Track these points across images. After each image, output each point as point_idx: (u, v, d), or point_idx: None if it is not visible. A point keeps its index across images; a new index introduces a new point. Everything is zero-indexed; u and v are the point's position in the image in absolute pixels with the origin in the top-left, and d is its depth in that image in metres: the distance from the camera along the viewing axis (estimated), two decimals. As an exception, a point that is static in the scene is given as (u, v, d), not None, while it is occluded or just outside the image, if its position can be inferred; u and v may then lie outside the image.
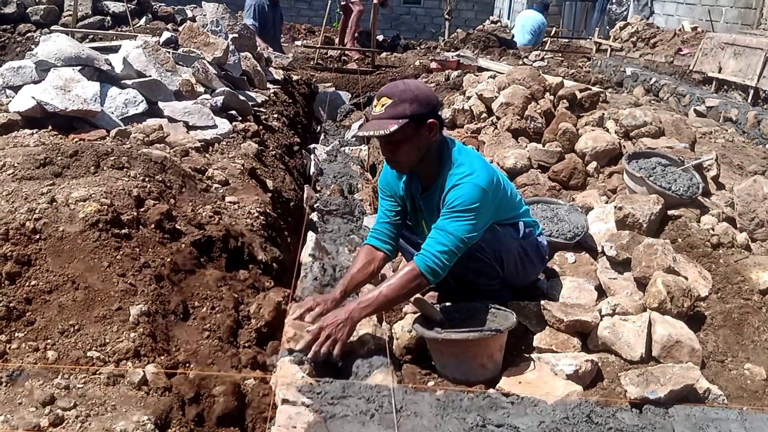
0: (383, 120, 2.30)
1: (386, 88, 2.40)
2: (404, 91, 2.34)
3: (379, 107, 2.33)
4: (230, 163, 3.58)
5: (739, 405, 2.11)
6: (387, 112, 2.31)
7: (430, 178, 2.46)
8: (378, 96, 2.37)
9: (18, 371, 1.81)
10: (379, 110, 2.33)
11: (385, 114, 2.31)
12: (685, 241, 3.04)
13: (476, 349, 2.19)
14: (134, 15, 8.20)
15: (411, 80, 2.61)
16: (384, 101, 2.32)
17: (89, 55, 3.93)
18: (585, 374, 2.20)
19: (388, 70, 8.74)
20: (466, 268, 2.41)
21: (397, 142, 2.34)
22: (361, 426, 1.85)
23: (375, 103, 2.37)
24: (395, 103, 2.30)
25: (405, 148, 2.36)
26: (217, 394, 1.95)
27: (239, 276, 2.60)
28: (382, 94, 2.36)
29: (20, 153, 2.81)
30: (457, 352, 2.21)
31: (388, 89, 2.38)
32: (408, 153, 2.38)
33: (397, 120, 2.28)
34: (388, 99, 2.31)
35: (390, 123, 2.28)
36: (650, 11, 11.86)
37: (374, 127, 2.33)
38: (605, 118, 4.31)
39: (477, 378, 2.20)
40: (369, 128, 2.38)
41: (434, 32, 15.93)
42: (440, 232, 2.30)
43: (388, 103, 2.31)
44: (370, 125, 2.38)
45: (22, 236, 2.15)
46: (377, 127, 2.31)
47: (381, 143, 2.44)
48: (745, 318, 2.55)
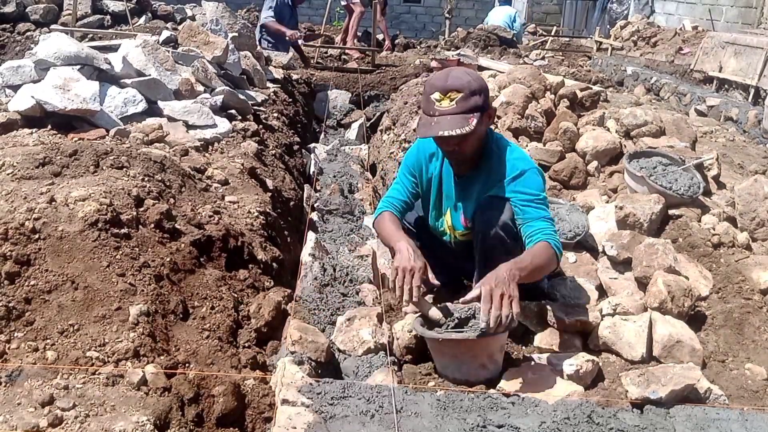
0: (458, 116, 2.17)
1: (451, 81, 2.22)
2: (470, 82, 2.20)
3: (448, 101, 2.18)
4: (230, 162, 3.57)
5: (740, 405, 2.11)
6: (460, 106, 2.18)
7: (470, 164, 2.39)
8: (442, 89, 2.21)
9: (17, 371, 1.81)
10: (448, 105, 2.18)
11: (458, 108, 2.18)
12: (685, 240, 3.03)
13: (476, 349, 2.18)
14: (134, 14, 8.20)
15: (461, 68, 2.44)
16: (453, 95, 2.18)
17: (89, 54, 3.92)
18: (586, 374, 2.20)
19: (388, 69, 8.73)
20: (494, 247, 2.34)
21: (467, 136, 2.22)
22: (361, 426, 1.85)
23: (438, 97, 2.21)
24: (466, 96, 2.18)
25: (472, 140, 2.27)
26: (217, 395, 1.95)
27: (239, 276, 2.60)
28: (448, 88, 2.20)
29: (19, 152, 2.81)
30: (457, 353, 2.20)
31: (453, 82, 2.21)
32: (473, 145, 2.30)
33: (473, 114, 2.18)
34: (458, 92, 2.18)
35: (468, 118, 2.17)
36: (651, 10, 11.86)
37: (452, 125, 2.17)
38: (606, 118, 4.30)
39: (477, 378, 2.19)
40: (444, 126, 2.18)
41: (434, 31, 15.90)
42: (544, 222, 2.25)
43: (458, 96, 2.18)
44: (444, 123, 2.19)
45: (21, 236, 2.14)
46: (455, 124, 2.17)
47: (449, 140, 2.26)
48: (746, 318, 2.54)
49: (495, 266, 2.26)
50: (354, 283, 2.86)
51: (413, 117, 5.44)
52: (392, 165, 4.89)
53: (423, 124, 2.29)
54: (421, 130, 2.29)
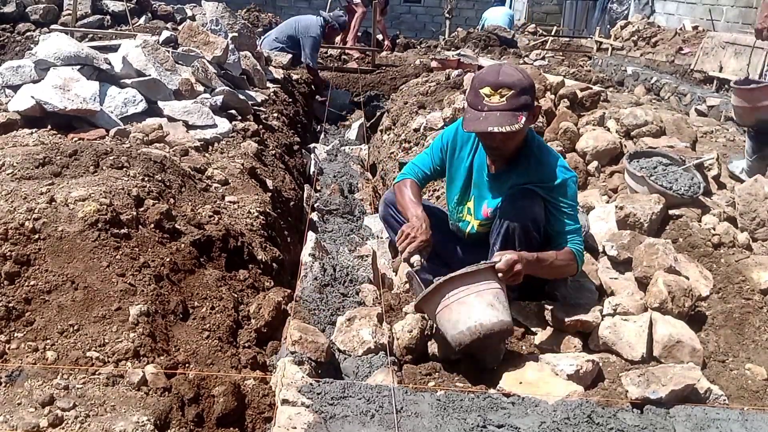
0: (507, 112, 2.18)
1: (503, 77, 2.22)
2: (521, 80, 2.21)
3: (498, 97, 2.19)
4: (230, 162, 3.57)
5: (740, 405, 2.10)
6: (510, 103, 2.18)
7: (506, 159, 2.41)
8: (493, 85, 2.21)
9: (17, 371, 1.81)
10: (498, 101, 2.19)
11: (507, 105, 2.18)
12: (686, 240, 3.03)
13: (479, 285, 2.16)
14: (134, 14, 8.20)
15: (512, 65, 2.44)
16: (504, 91, 2.19)
17: (88, 54, 3.92)
18: (586, 374, 2.20)
19: (388, 69, 8.73)
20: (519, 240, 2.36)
21: (514, 134, 2.22)
22: (362, 426, 1.85)
23: (489, 92, 2.21)
24: (517, 94, 2.19)
25: (517, 138, 2.29)
26: (217, 395, 1.95)
27: (239, 276, 2.60)
28: (500, 84, 2.20)
29: (19, 152, 2.81)
30: (462, 296, 2.15)
31: (505, 78, 2.22)
32: (517, 141, 2.32)
33: (522, 112, 2.19)
34: (509, 89, 2.19)
35: (518, 116, 2.18)
36: (651, 10, 11.85)
37: (501, 122, 2.17)
38: (606, 118, 4.30)
39: (491, 321, 2.13)
40: (493, 122, 2.18)
41: (435, 31, 15.91)
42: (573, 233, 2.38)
43: (509, 93, 2.18)
44: (493, 119, 2.19)
45: (21, 236, 2.14)
46: (505, 121, 2.17)
47: (495, 136, 2.26)
48: (746, 318, 2.54)
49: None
50: (354, 283, 2.86)
51: (413, 117, 5.44)
52: (392, 165, 4.89)
53: (470, 119, 2.28)
54: (469, 125, 2.29)
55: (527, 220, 2.33)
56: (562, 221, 2.39)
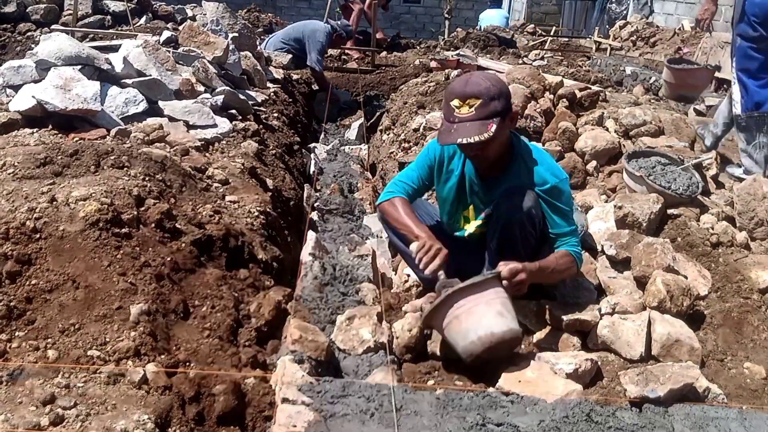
0: (476, 122, 2.20)
1: (470, 87, 2.25)
2: (489, 88, 2.23)
3: (467, 108, 2.22)
4: (230, 162, 3.58)
5: (739, 404, 2.11)
6: (478, 112, 2.21)
7: (495, 167, 2.43)
8: (461, 96, 2.24)
9: (18, 370, 1.81)
10: (467, 111, 2.21)
11: (476, 115, 2.21)
12: (684, 240, 3.04)
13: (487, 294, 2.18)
14: (134, 14, 8.20)
15: (481, 73, 2.47)
16: (472, 102, 2.21)
17: (89, 54, 3.93)
18: (585, 373, 2.20)
19: (388, 69, 8.74)
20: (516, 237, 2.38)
21: (490, 140, 2.24)
22: (361, 425, 1.85)
23: (458, 104, 2.24)
24: (485, 103, 2.21)
25: (494, 144, 2.30)
26: (218, 393, 1.95)
27: (239, 275, 2.61)
28: (467, 94, 2.23)
29: (20, 152, 2.82)
30: (471, 306, 2.17)
31: (472, 88, 2.24)
32: (496, 148, 2.34)
33: (492, 120, 2.21)
34: (476, 99, 2.21)
35: (488, 125, 2.20)
36: (650, 10, 11.85)
37: (471, 132, 2.20)
38: (605, 117, 4.31)
39: (501, 330, 2.15)
40: (463, 134, 2.21)
41: (434, 31, 15.92)
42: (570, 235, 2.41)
43: (477, 103, 2.21)
44: (462, 130, 2.22)
45: (22, 235, 2.15)
46: (474, 131, 2.20)
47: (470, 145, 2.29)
48: (745, 317, 2.55)
49: (511, 251, 2.37)
50: (354, 283, 2.86)
51: (413, 117, 5.44)
52: (392, 165, 4.90)
53: (443, 131, 2.31)
54: (442, 137, 2.32)
55: (523, 215, 2.34)
56: (557, 223, 2.40)
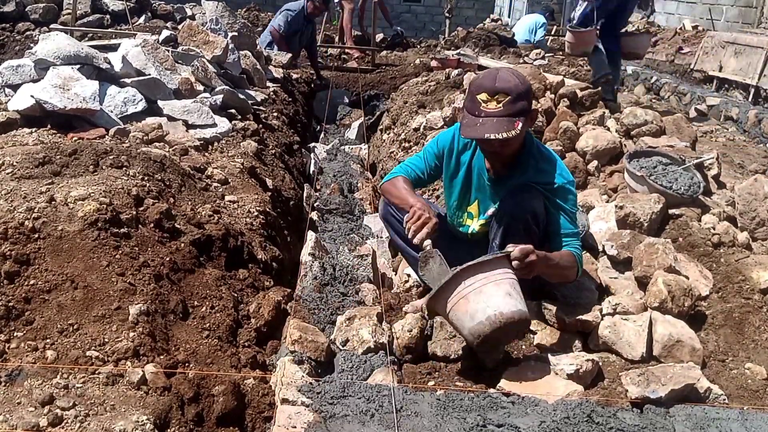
0: (504, 118, 2.18)
1: (500, 83, 2.21)
2: (518, 85, 2.21)
3: (494, 103, 2.19)
4: (230, 161, 3.57)
5: (740, 404, 2.10)
6: (506, 109, 2.18)
7: (506, 164, 2.41)
8: (490, 91, 2.21)
9: (17, 371, 1.81)
10: (494, 107, 2.18)
11: (504, 111, 2.18)
12: (686, 240, 3.03)
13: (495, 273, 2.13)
14: (133, 13, 8.19)
15: (509, 69, 2.46)
16: (501, 98, 2.19)
17: (88, 53, 3.92)
18: (586, 374, 2.20)
19: (388, 68, 8.73)
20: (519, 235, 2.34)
21: (512, 140, 2.22)
22: (361, 426, 1.85)
23: (485, 98, 2.21)
24: (513, 100, 2.19)
25: (515, 143, 2.30)
26: (217, 394, 1.95)
27: (239, 275, 2.60)
28: (497, 90, 2.20)
29: (19, 152, 2.81)
30: (479, 286, 2.11)
31: (502, 84, 2.21)
32: (515, 147, 2.34)
33: (519, 118, 2.19)
34: (506, 95, 2.19)
35: (515, 122, 2.18)
36: (651, 10, 11.84)
37: (498, 129, 2.17)
38: (606, 117, 4.30)
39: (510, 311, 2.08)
40: (490, 129, 2.18)
41: (435, 30, 15.88)
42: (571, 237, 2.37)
43: (505, 99, 2.18)
44: (489, 125, 2.19)
45: (21, 235, 2.14)
46: (502, 128, 2.17)
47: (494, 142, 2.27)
48: (746, 317, 2.54)
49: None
50: (354, 283, 2.86)
51: (413, 116, 5.44)
52: (392, 164, 4.89)
53: (467, 124, 2.28)
54: (466, 130, 2.29)
55: (527, 213, 2.33)
56: (560, 223, 2.38)
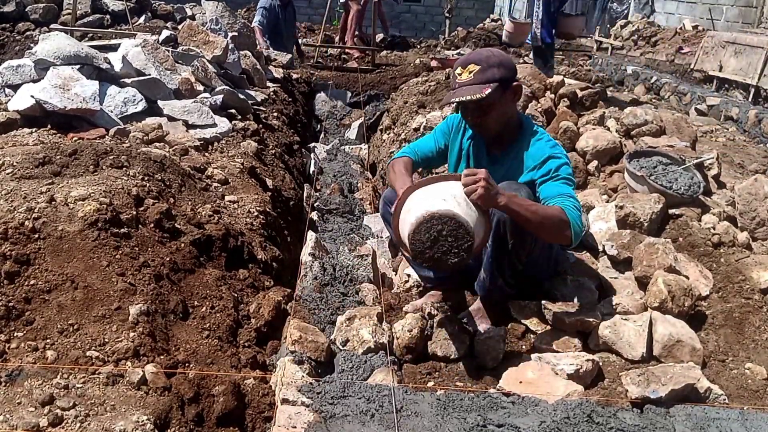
0: (474, 85, 2.35)
1: (471, 56, 2.44)
2: (489, 57, 2.39)
3: (467, 74, 2.37)
4: (230, 161, 3.57)
5: (740, 404, 2.10)
6: (476, 77, 2.35)
7: (503, 143, 2.52)
8: (463, 64, 2.40)
9: (17, 371, 1.81)
10: (467, 77, 2.37)
11: (474, 80, 2.35)
12: (686, 240, 3.03)
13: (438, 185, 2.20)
14: (133, 13, 8.20)
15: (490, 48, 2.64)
16: (471, 68, 2.37)
17: (88, 53, 3.92)
18: (586, 374, 2.20)
19: (388, 68, 8.73)
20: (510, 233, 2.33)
21: (488, 106, 2.38)
22: (361, 426, 1.85)
23: (460, 71, 2.40)
24: (483, 69, 2.35)
25: (494, 112, 2.41)
26: (217, 394, 1.95)
27: (239, 275, 2.60)
28: (468, 61, 2.40)
29: (19, 152, 2.81)
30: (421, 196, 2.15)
31: (473, 56, 2.43)
32: (497, 117, 2.44)
33: (489, 84, 2.33)
34: (476, 65, 2.36)
35: (483, 87, 2.33)
36: (651, 10, 11.84)
37: (467, 92, 2.35)
38: (606, 117, 4.30)
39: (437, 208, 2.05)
40: (460, 93, 2.37)
41: (435, 30, 15.89)
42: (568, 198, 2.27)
43: (476, 69, 2.36)
44: (460, 91, 2.38)
45: (21, 235, 2.14)
46: (470, 92, 2.34)
47: (469, 109, 2.45)
48: (746, 317, 2.54)
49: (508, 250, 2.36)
50: (354, 283, 2.86)
51: (413, 116, 5.43)
52: (392, 164, 4.89)
53: (445, 98, 2.48)
54: (443, 101, 2.47)
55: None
56: (552, 186, 2.33)
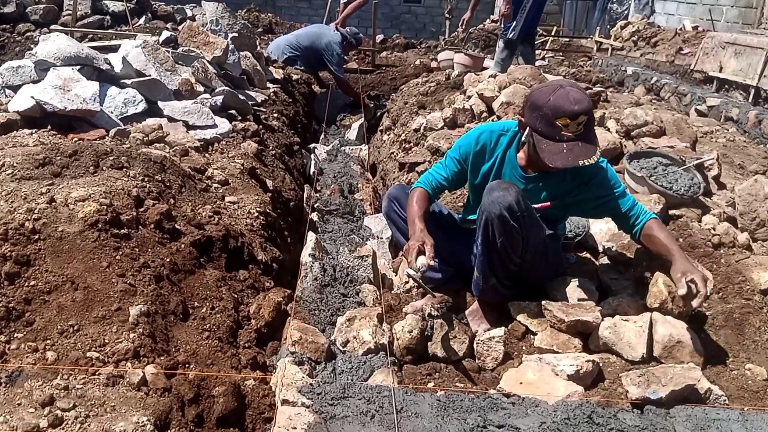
0: (588, 144, 2.24)
1: (578, 106, 2.21)
2: (589, 101, 2.26)
3: (575, 126, 2.22)
4: (230, 162, 3.57)
5: (740, 405, 2.10)
6: (587, 129, 2.24)
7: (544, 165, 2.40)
8: (571, 116, 2.21)
9: (17, 372, 1.81)
10: (575, 130, 2.23)
11: (585, 132, 2.24)
12: (686, 240, 3.03)
13: None
14: (133, 14, 8.20)
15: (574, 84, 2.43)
16: (581, 119, 2.22)
17: (88, 54, 3.92)
18: (586, 375, 2.20)
19: (388, 69, 8.73)
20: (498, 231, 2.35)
21: None
22: (362, 427, 1.85)
23: (566, 122, 2.22)
24: (592, 120, 2.26)
25: None
26: (217, 395, 1.95)
27: (239, 276, 2.60)
28: (577, 113, 2.21)
29: (19, 153, 2.81)
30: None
31: (581, 107, 2.22)
32: None
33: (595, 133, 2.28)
34: (585, 116, 2.23)
35: (595, 140, 2.27)
36: (651, 10, 11.84)
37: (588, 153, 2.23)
38: (606, 118, 4.30)
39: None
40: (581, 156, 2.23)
41: (434, 31, 15.89)
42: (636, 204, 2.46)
43: (584, 120, 2.23)
44: (578, 151, 2.23)
45: (21, 236, 2.14)
46: (590, 152, 2.23)
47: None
48: (746, 318, 2.54)
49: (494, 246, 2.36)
50: (354, 284, 2.86)
51: (413, 117, 5.43)
52: (392, 165, 4.89)
53: (552, 151, 2.27)
54: (553, 158, 2.28)
55: (503, 209, 2.31)
56: (622, 203, 2.45)
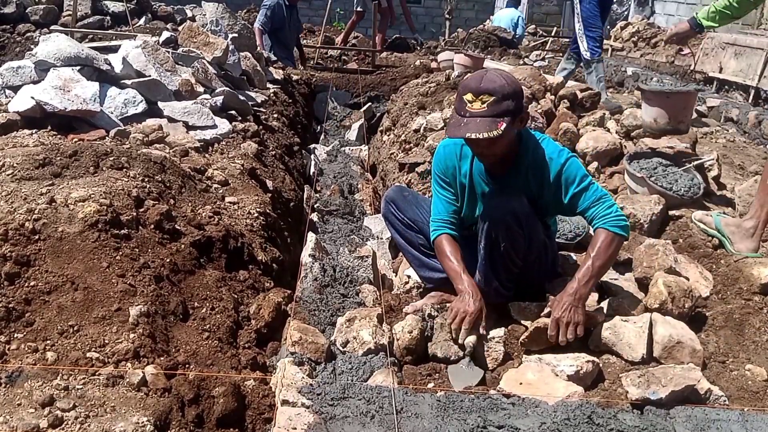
0: (487, 119, 2.21)
1: (485, 84, 2.24)
2: (504, 86, 2.24)
3: (479, 103, 2.22)
4: (230, 163, 3.57)
5: (741, 406, 2.10)
6: (491, 109, 2.21)
7: (506, 162, 2.42)
8: (475, 91, 2.24)
9: (17, 372, 1.81)
10: (479, 107, 2.22)
11: (488, 112, 2.22)
12: (686, 241, 3.03)
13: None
14: (134, 15, 8.21)
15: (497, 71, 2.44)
16: (485, 98, 2.22)
17: (89, 55, 3.92)
18: (586, 375, 2.20)
19: (388, 69, 8.73)
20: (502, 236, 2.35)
21: (498, 138, 2.24)
22: (362, 427, 1.85)
23: (471, 98, 2.24)
24: (497, 101, 2.22)
25: (503, 142, 2.31)
26: (217, 395, 1.95)
27: (239, 276, 2.60)
28: (481, 90, 2.23)
29: (19, 153, 2.81)
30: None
31: (487, 85, 2.24)
32: (503, 147, 2.35)
33: (503, 118, 2.21)
34: (490, 96, 2.22)
35: (498, 122, 2.20)
36: (651, 11, 11.85)
37: (481, 128, 2.21)
38: (606, 118, 4.30)
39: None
40: (473, 129, 2.22)
41: (435, 32, 15.90)
42: (599, 200, 2.37)
43: (490, 100, 2.21)
44: (473, 125, 2.22)
45: (21, 237, 2.14)
46: (484, 127, 2.20)
47: (472, 140, 2.30)
48: (746, 318, 2.54)
49: (498, 252, 2.35)
50: (354, 284, 2.86)
51: (413, 118, 5.44)
52: (392, 166, 4.89)
53: (453, 124, 2.31)
54: (451, 130, 2.32)
55: (506, 215, 2.32)
56: (583, 199, 2.38)
